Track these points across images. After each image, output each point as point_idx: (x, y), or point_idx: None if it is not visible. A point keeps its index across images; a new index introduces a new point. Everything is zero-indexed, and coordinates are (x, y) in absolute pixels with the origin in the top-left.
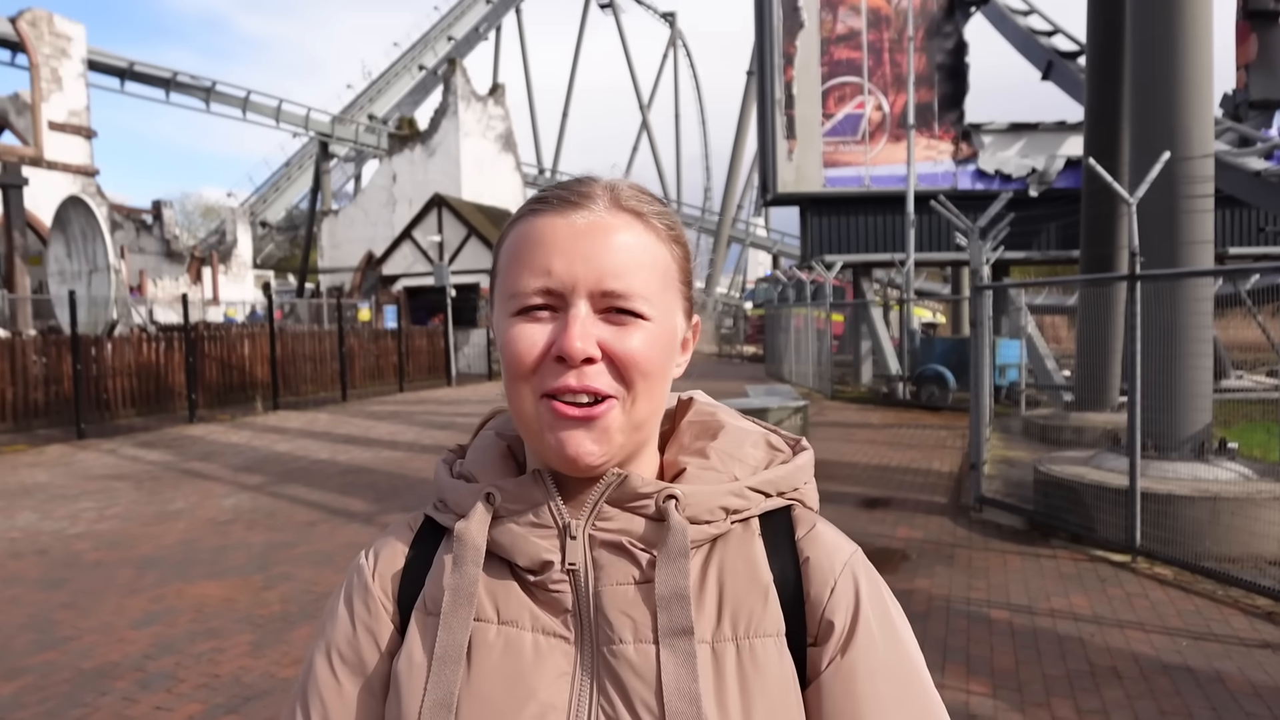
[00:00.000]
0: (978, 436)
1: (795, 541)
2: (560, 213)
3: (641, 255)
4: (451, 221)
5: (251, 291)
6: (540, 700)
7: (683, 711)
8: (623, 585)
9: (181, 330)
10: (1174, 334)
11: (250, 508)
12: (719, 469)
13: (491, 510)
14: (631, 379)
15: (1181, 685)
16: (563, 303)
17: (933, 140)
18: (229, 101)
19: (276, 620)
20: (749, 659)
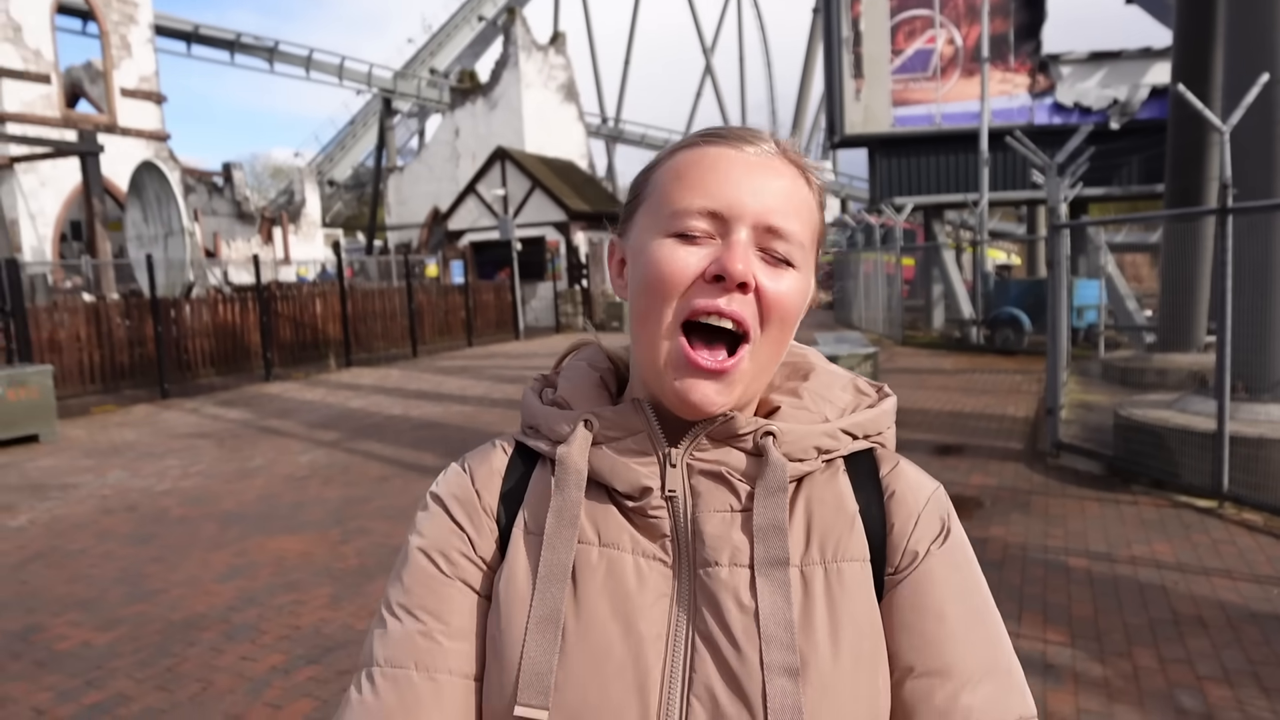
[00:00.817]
0: (1055, 380)
1: (880, 478)
2: (733, 145)
3: (801, 204)
4: (515, 174)
5: (321, 250)
6: (645, 619)
7: (777, 636)
8: (720, 512)
9: (255, 290)
10: (1268, 270)
11: (326, 463)
12: (811, 409)
13: (591, 436)
14: (770, 320)
15: (1271, 634)
16: (724, 229)
17: (1008, 73)
18: (292, 61)
19: (353, 573)
20: (836, 581)
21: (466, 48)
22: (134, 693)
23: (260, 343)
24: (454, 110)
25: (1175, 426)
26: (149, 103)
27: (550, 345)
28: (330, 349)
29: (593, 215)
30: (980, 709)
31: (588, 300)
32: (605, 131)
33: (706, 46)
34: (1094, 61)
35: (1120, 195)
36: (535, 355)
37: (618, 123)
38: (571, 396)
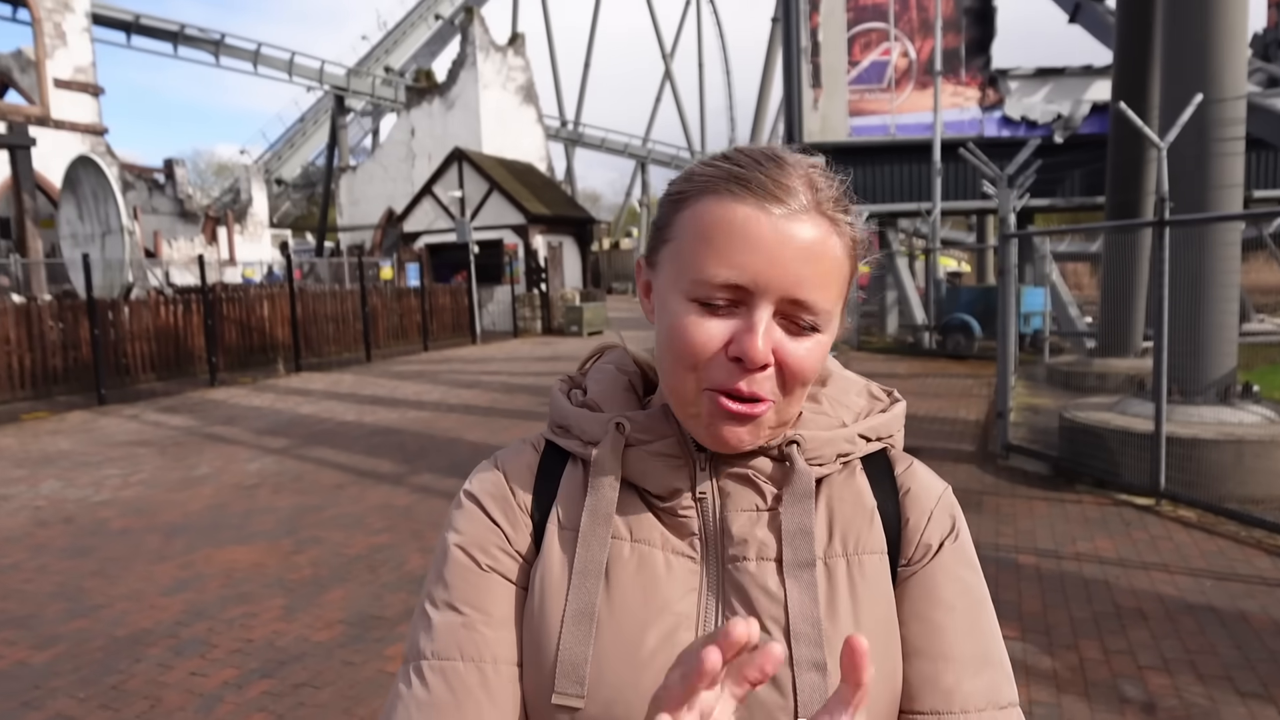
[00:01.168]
0: (1004, 384)
1: (895, 476)
2: (761, 204)
3: (832, 268)
4: (473, 176)
5: (269, 251)
6: (674, 611)
7: (805, 633)
8: (746, 511)
9: (199, 292)
10: (1201, 279)
11: (276, 471)
12: (830, 414)
13: (624, 439)
14: (793, 387)
15: (1206, 625)
16: (748, 300)
17: (959, 87)
18: (239, 55)
19: (308, 584)
20: (858, 572)
21: (423, 46)
22: (76, 712)
23: (205, 346)
24: (410, 110)
25: (1116, 428)
26: (85, 95)
27: (508, 350)
28: (279, 353)
29: (552, 219)
30: (980, 694)
31: (546, 305)
32: (564, 134)
33: (666, 52)
34: (1040, 77)
35: (1064, 206)
36: (493, 360)
37: (577, 126)
38: (602, 399)
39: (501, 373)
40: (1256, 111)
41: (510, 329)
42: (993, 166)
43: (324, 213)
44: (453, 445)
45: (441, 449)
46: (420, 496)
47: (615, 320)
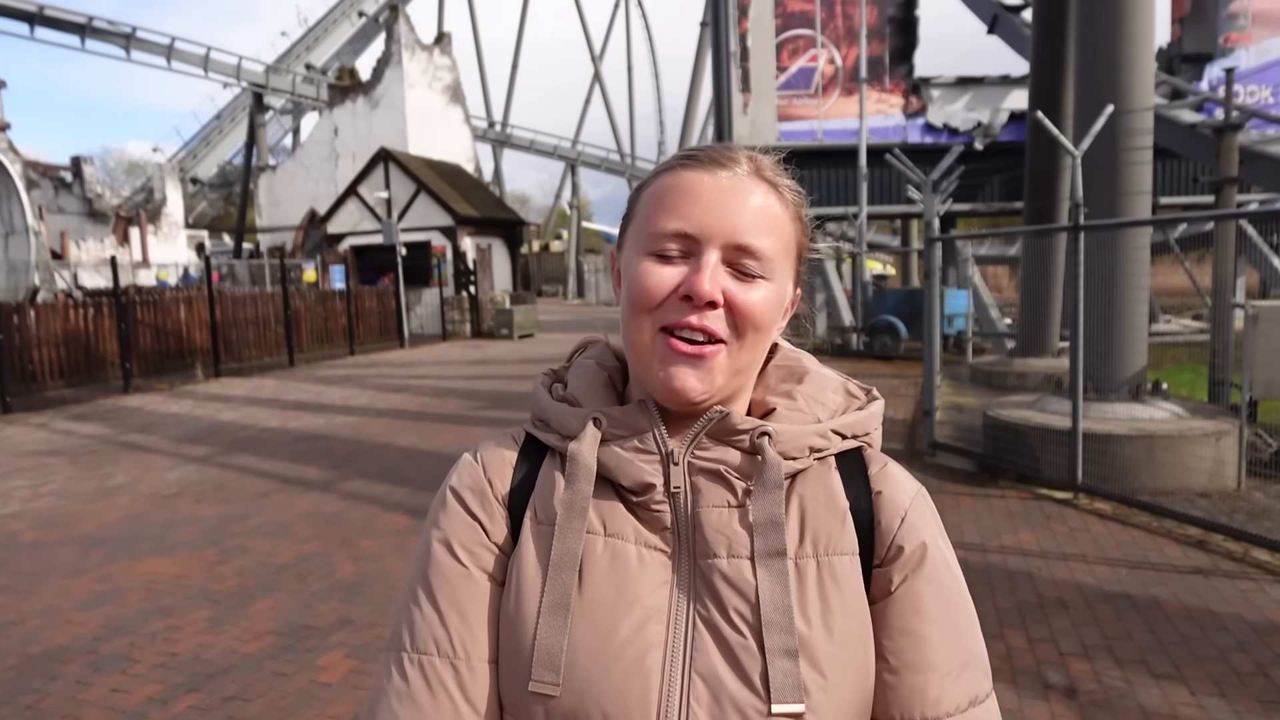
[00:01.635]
0: (930, 384)
1: (869, 476)
2: (708, 169)
3: (772, 222)
4: (399, 177)
5: (184, 253)
6: (645, 604)
7: (777, 621)
8: (718, 508)
9: (111, 295)
10: (1114, 281)
11: (197, 480)
12: (804, 410)
13: (600, 434)
14: (744, 329)
15: (1122, 612)
16: (696, 249)
17: (883, 94)
18: (151, 49)
19: (234, 595)
20: (828, 573)
21: (346, 44)
22: None
23: (118, 352)
24: (332, 108)
25: (1036, 425)
26: None
27: (437, 353)
28: (197, 358)
29: (480, 220)
30: (962, 694)
31: (476, 307)
32: (492, 135)
33: (595, 54)
34: (960, 86)
35: (984, 211)
36: (422, 363)
37: (505, 127)
38: (581, 394)
39: (431, 376)
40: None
41: (439, 332)
42: (918, 172)
43: (242, 213)
44: (382, 450)
45: (370, 454)
46: (350, 503)
47: (546, 323)
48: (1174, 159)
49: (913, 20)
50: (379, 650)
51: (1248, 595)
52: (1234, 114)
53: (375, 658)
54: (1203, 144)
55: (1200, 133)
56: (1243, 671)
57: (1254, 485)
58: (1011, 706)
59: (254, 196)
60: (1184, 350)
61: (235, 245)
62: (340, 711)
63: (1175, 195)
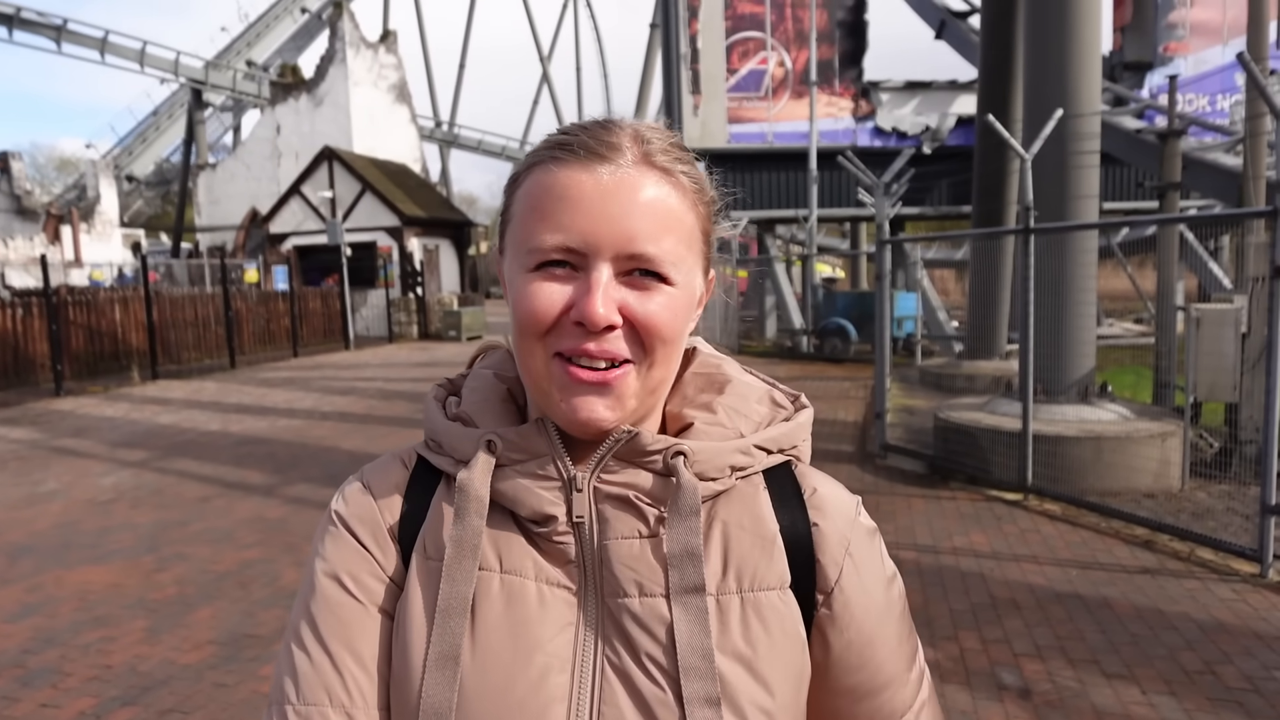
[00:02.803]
0: (882, 386)
1: (804, 502)
2: (585, 165)
3: (668, 217)
4: (344, 176)
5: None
6: (546, 651)
7: (696, 666)
8: (628, 539)
9: (41, 295)
10: (1062, 284)
11: (134, 485)
12: (725, 425)
13: (494, 459)
14: (651, 345)
15: (1073, 612)
16: (584, 262)
17: (833, 97)
18: (84, 42)
19: (173, 603)
20: (753, 610)
21: (288, 40)
22: None
23: (49, 353)
24: (274, 106)
25: (986, 427)
26: None
27: (383, 355)
28: (133, 360)
29: (427, 221)
30: (913, 687)
31: (423, 309)
32: (439, 135)
33: (543, 55)
34: (909, 90)
35: (932, 214)
36: (367, 365)
37: (452, 126)
38: (475, 411)
39: (377, 379)
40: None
41: (385, 334)
42: (870, 174)
43: (180, 212)
44: (327, 454)
45: (315, 458)
46: (294, 508)
47: (495, 325)
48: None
49: (862, 24)
50: None
51: (1194, 594)
52: (1176, 121)
53: None
54: (1145, 150)
55: (1143, 139)
56: (1191, 670)
57: (1197, 485)
58: (966, 708)
59: (193, 195)
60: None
61: (173, 245)
62: None
63: (1119, 200)
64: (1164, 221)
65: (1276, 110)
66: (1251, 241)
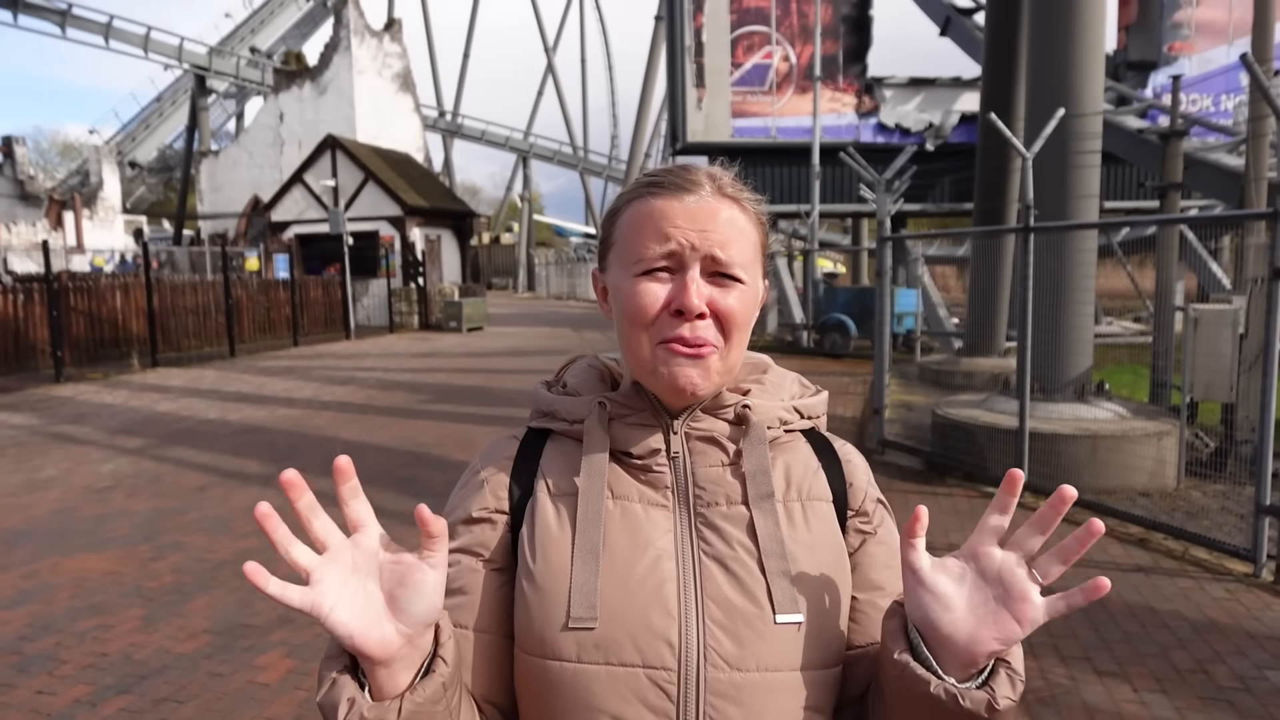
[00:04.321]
0: (880, 382)
1: (834, 448)
2: (675, 195)
3: (739, 231)
4: (347, 165)
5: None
6: (656, 546)
7: (773, 549)
8: (713, 466)
9: (42, 280)
10: (1061, 283)
11: (132, 473)
12: (772, 393)
13: (607, 414)
14: (729, 331)
15: None
16: (679, 265)
17: (837, 93)
18: (88, 27)
19: (169, 592)
20: (812, 513)
21: (292, 28)
22: None
23: (49, 340)
24: (278, 93)
25: (983, 424)
26: None
27: (384, 345)
28: (134, 347)
29: (430, 211)
30: None
31: (424, 299)
32: (443, 125)
33: (548, 45)
34: (913, 87)
35: (934, 212)
36: (368, 355)
37: (456, 117)
38: (581, 387)
39: (377, 369)
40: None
41: (386, 324)
42: (872, 171)
43: (183, 199)
44: (327, 444)
45: (314, 447)
46: None
47: (496, 316)
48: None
49: (867, 20)
50: (320, 650)
51: (1187, 593)
52: (1179, 121)
53: (315, 657)
54: (1147, 150)
55: (1145, 139)
56: (1183, 668)
57: (1192, 485)
58: None
59: (195, 182)
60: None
61: (175, 232)
62: (279, 713)
63: (1119, 200)
64: (1164, 222)
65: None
66: (1252, 243)
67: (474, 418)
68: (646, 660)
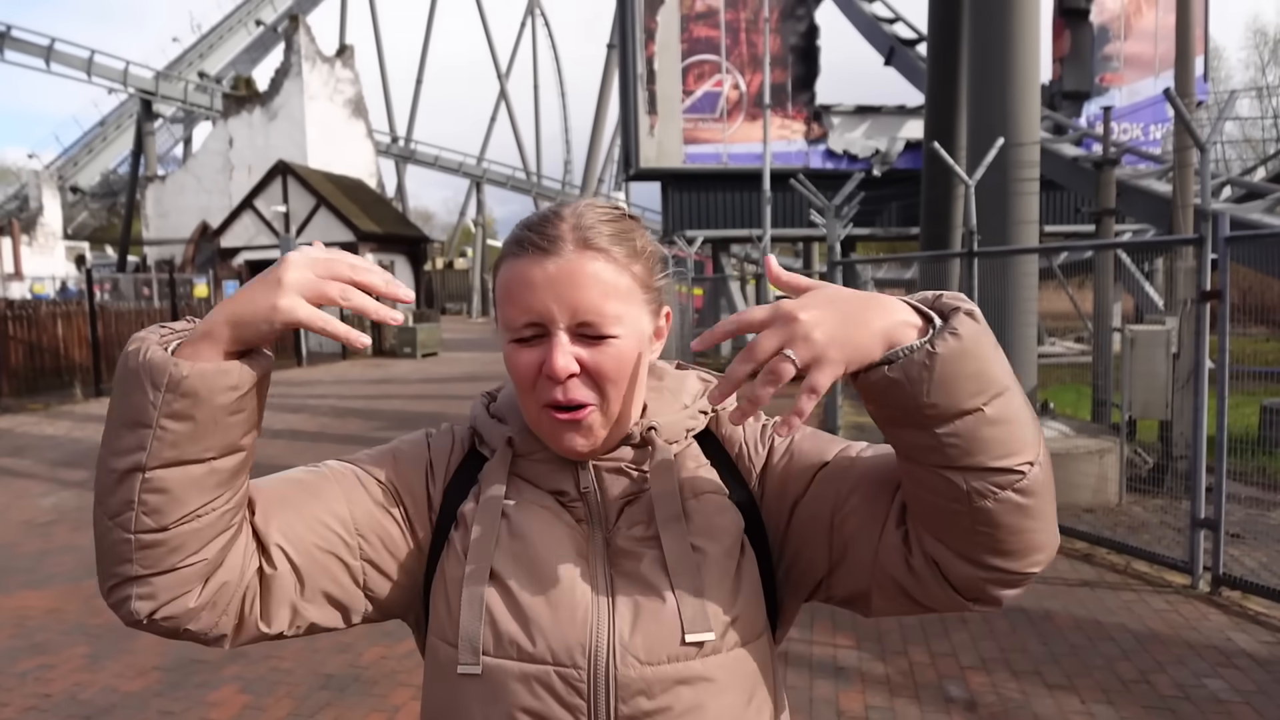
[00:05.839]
0: (833, 404)
1: (713, 430)
2: (535, 259)
3: (606, 286)
4: (298, 191)
5: (62, 265)
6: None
7: (682, 569)
8: (622, 497)
9: None
10: (1005, 305)
11: (75, 506)
12: (671, 399)
13: (511, 452)
14: (604, 387)
15: (1017, 625)
16: (545, 332)
17: (786, 120)
18: (28, 50)
19: (115, 629)
20: (705, 504)
21: (242, 53)
22: None
23: None
24: (227, 118)
25: None
26: None
27: (336, 372)
28: (76, 377)
29: (383, 237)
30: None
31: (378, 325)
32: (395, 151)
33: (501, 72)
34: (859, 114)
35: (882, 236)
36: (320, 383)
37: (409, 142)
38: (505, 411)
39: (330, 396)
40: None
41: (339, 351)
42: (821, 197)
43: (127, 225)
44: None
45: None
46: None
47: (450, 342)
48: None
49: (814, 50)
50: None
51: (1130, 606)
52: (1111, 150)
53: (271, 691)
54: (1083, 177)
55: (1081, 166)
56: (1127, 679)
57: (1133, 500)
58: None
59: (140, 208)
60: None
61: (120, 258)
62: None
63: (1059, 224)
64: (1100, 247)
65: (1200, 143)
66: (1181, 266)
67: None
68: (558, 659)
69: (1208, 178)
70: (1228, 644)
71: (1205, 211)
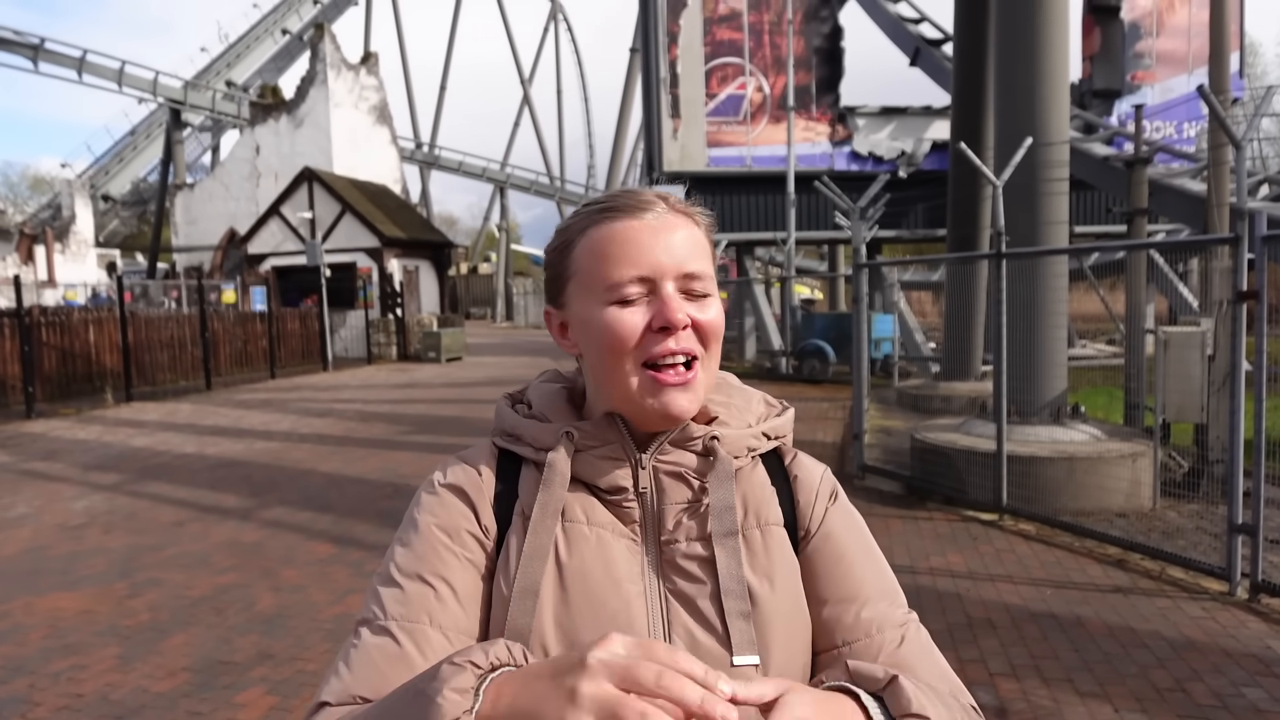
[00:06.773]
0: (859, 408)
1: (785, 466)
2: (633, 215)
3: (698, 247)
4: (324, 197)
5: (94, 272)
6: (630, 583)
7: (733, 589)
8: (679, 504)
9: (13, 315)
10: (1034, 307)
11: (106, 509)
12: (739, 415)
13: (573, 445)
14: (709, 341)
15: (1048, 631)
16: (653, 287)
17: (810, 122)
18: (61, 61)
19: (145, 630)
20: (770, 539)
21: (268, 62)
22: None
23: (20, 375)
24: (254, 126)
25: (962, 448)
26: None
27: (362, 376)
28: (107, 382)
29: (407, 242)
30: (877, 619)
31: (402, 330)
32: (420, 157)
33: (524, 78)
34: (885, 115)
35: (908, 238)
36: (346, 387)
37: (433, 148)
38: (549, 411)
39: (355, 400)
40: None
41: (364, 355)
42: (846, 199)
43: (157, 232)
44: (305, 477)
45: (293, 480)
46: (271, 532)
47: (474, 346)
48: (1087, 190)
49: (838, 51)
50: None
51: (1165, 613)
52: (1143, 148)
53: (298, 694)
54: (1114, 176)
55: (1112, 165)
56: (1162, 687)
57: (1167, 505)
58: None
59: (170, 215)
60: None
61: (149, 265)
62: None
63: (1089, 224)
64: (1132, 247)
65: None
66: (1216, 266)
67: (455, 449)
68: None
69: (1243, 175)
70: (1267, 652)
71: (1241, 210)
